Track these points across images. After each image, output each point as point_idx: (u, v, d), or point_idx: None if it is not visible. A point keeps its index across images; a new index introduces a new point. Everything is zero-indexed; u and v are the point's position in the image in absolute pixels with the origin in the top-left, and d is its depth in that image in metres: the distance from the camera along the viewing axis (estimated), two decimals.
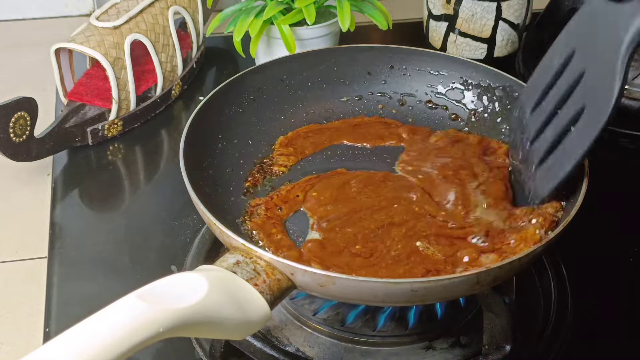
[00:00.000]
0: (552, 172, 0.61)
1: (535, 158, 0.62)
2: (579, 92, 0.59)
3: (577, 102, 0.58)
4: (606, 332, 0.69)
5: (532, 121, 0.63)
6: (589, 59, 0.58)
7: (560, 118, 0.60)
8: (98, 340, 0.44)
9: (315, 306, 0.68)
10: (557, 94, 0.60)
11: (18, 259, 0.77)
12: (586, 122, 0.58)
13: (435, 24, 1.04)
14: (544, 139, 0.62)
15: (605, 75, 0.56)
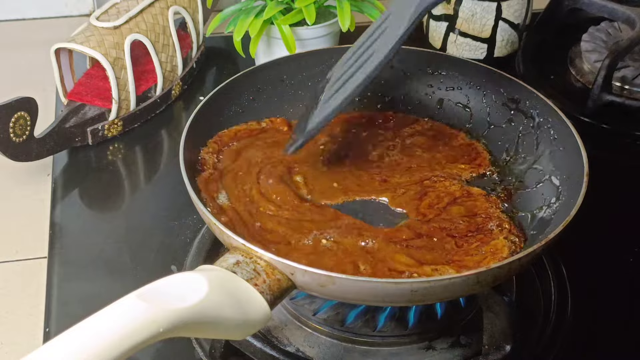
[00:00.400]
0: (325, 109, 0.66)
1: (322, 100, 0.67)
2: (374, 45, 0.66)
3: (370, 51, 0.66)
4: (606, 332, 0.69)
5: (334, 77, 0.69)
6: (393, 18, 0.66)
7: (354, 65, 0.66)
8: (98, 340, 0.44)
9: (315, 306, 0.68)
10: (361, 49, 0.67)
11: (18, 259, 0.77)
12: (369, 61, 0.65)
13: (435, 24, 1.04)
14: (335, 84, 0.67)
15: (397, 28, 0.64)
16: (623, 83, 0.96)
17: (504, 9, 0.99)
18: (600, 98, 0.93)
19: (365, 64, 0.65)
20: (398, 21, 0.64)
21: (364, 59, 0.65)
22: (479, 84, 0.80)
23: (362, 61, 0.66)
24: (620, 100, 0.93)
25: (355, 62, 0.67)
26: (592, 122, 0.93)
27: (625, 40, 0.93)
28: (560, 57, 1.05)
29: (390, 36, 0.64)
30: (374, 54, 0.65)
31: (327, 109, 0.66)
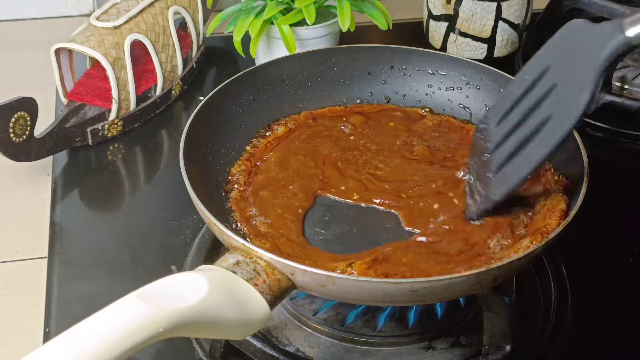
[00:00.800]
0: (508, 177, 0.62)
1: (494, 165, 0.63)
2: (546, 104, 0.61)
3: (543, 113, 0.60)
4: (606, 332, 0.69)
5: (497, 132, 0.65)
6: (562, 74, 0.60)
7: (525, 128, 0.62)
8: (98, 340, 0.44)
9: (315, 306, 0.68)
10: (525, 106, 0.62)
11: (18, 259, 0.77)
12: (549, 130, 0.60)
13: (435, 24, 1.04)
14: (505, 147, 0.63)
15: (577, 88, 0.58)
16: (623, 83, 0.96)
17: (504, 9, 0.99)
18: (600, 98, 0.93)
19: (542, 132, 0.60)
20: (574, 83, 0.58)
21: (538, 122, 0.60)
22: (479, 84, 0.80)
23: (536, 124, 0.60)
24: (620, 100, 0.93)
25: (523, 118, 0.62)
26: (592, 122, 0.93)
27: None
28: None
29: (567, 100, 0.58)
30: (550, 119, 0.59)
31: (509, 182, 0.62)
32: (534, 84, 0.62)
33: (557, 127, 0.59)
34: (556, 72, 0.61)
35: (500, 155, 0.63)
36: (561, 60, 0.61)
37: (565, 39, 0.62)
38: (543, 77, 0.62)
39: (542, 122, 0.60)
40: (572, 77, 0.59)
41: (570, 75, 0.59)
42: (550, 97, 0.60)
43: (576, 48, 0.60)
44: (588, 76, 0.57)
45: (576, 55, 0.59)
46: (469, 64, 0.80)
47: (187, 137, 0.68)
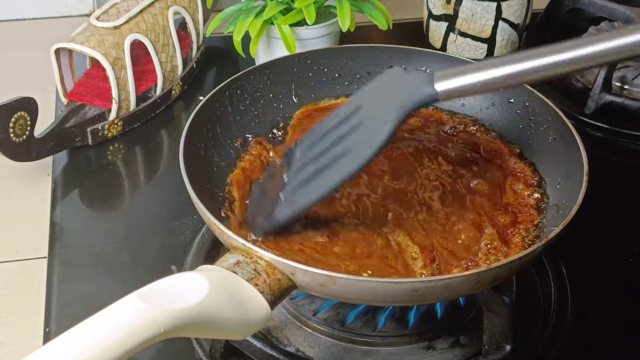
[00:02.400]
0: (297, 201, 0.63)
1: (289, 188, 0.64)
2: (349, 139, 0.62)
3: (344, 146, 0.62)
4: (606, 332, 0.69)
5: (301, 159, 0.66)
6: (370, 113, 0.62)
7: (324, 158, 0.63)
8: (99, 340, 0.44)
9: (315, 306, 0.68)
10: (330, 139, 0.64)
11: (18, 259, 0.77)
12: (343, 163, 0.61)
13: (435, 24, 1.04)
14: (302, 173, 0.64)
15: (377, 127, 0.60)
16: (623, 83, 0.96)
17: (504, 9, 0.99)
18: (600, 98, 0.93)
19: (339, 162, 0.62)
20: (378, 122, 0.61)
21: (338, 153, 0.62)
22: None
23: (336, 155, 0.62)
24: (620, 100, 0.93)
25: (326, 149, 0.63)
26: (592, 122, 0.93)
27: None
28: None
29: (369, 136, 0.61)
30: (349, 152, 0.61)
31: (296, 205, 0.62)
32: (345, 119, 0.64)
33: (351, 161, 0.61)
34: (366, 111, 0.63)
35: (296, 179, 0.64)
36: (373, 102, 0.63)
37: (382, 83, 0.64)
38: (353, 116, 0.63)
39: (341, 154, 0.62)
40: (378, 117, 0.61)
41: (376, 116, 0.61)
42: (354, 133, 0.62)
43: (388, 93, 0.62)
44: (390, 117, 0.60)
45: (386, 99, 0.61)
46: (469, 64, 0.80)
47: (187, 137, 0.68)
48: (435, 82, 0.58)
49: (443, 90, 0.58)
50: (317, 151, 0.64)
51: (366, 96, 0.64)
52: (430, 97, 0.59)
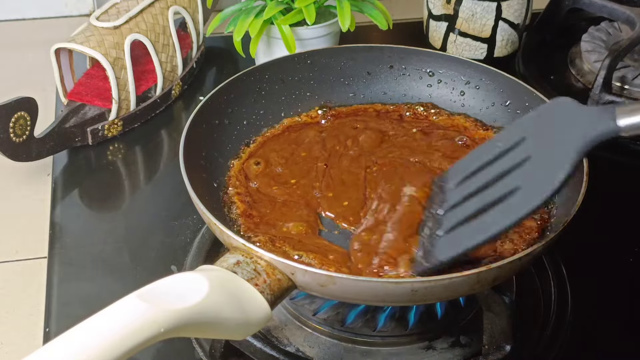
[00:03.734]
0: (460, 240, 0.58)
1: (446, 225, 0.60)
2: (516, 175, 0.58)
3: (511, 183, 0.58)
4: (606, 332, 0.69)
5: (456, 192, 0.62)
6: (540, 148, 0.58)
7: (487, 194, 0.59)
8: (99, 340, 0.44)
9: (315, 306, 0.68)
10: (492, 172, 0.60)
11: (18, 259, 0.77)
12: (515, 202, 0.57)
13: (435, 24, 1.04)
14: (462, 209, 0.60)
15: (553, 165, 0.55)
16: (623, 83, 0.96)
17: (504, 9, 0.99)
18: (600, 98, 0.93)
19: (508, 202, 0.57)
20: (552, 158, 0.55)
21: (504, 191, 0.57)
22: (478, 83, 0.80)
23: (503, 192, 0.57)
24: (620, 100, 0.93)
25: (489, 184, 0.59)
26: None
27: (625, 40, 0.93)
28: (560, 57, 1.05)
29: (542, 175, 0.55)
30: (520, 190, 0.56)
31: (460, 245, 0.58)
32: (506, 152, 0.60)
33: (525, 201, 0.56)
34: (533, 144, 0.58)
35: (455, 216, 0.60)
36: (541, 134, 0.58)
37: (549, 113, 0.60)
38: (517, 147, 0.59)
39: (509, 192, 0.57)
40: (551, 153, 0.56)
41: (548, 151, 0.57)
42: (522, 169, 0.58)
43: (560, 125, 0.57)
44: (568, 155, 0.55)
45: (559, 133, 0.57)
46: (469, 64, 0.80)
47: (187, 137, 0.68)
48: (617, 118, 0.54)
49: (627, 125, 0.54)
50: (477, 185, 0.60)
51: (532, 127, 0.60)
52: (613, 133, 0.54)
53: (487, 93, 0.79)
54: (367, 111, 0.81)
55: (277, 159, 0.74)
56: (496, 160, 0.60)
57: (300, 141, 0.76)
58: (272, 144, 0.76)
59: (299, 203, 0.68)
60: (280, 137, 0.77)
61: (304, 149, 0.75)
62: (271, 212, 0.68)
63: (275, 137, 0.77)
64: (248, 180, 0.71)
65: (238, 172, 0.72)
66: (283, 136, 0.77)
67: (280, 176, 0.72)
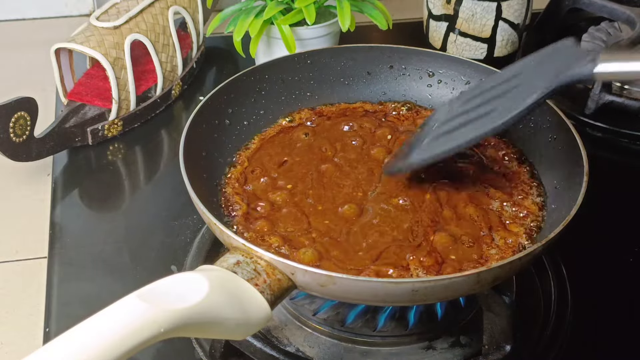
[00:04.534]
0: (432, 148, 0.65)
1: (433, 135, 0.66)
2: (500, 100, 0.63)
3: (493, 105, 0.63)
4: (606, 332, 0.69)
5: (455, 110, 0.67)
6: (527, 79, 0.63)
7: (472, 113, 0.65)
8: (99, 340, 0.44)
9: (315, 306, 0.68)
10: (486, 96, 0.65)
11: (18, 259, 0.77)
12: (484, 121, 0.63)
13: (435, 24, 1.04)
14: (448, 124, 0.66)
15: (526, 94, 0.61)
16: (623, 83, 0.96)
17: (504, 9, 0.99)
18: (600, 98, 0.93)
19: (481, 120, 0.63)
20: (528, 88, 0.61)
21: (483, 112, 0.63)
22: None
23: (481, 113, 0.64)
24: (620, 100, 0.93)
25: (476, 107, 0.65)
26: (592, 122, 0.93)
27: (625, 40, 0.93)
28: None
29: (515, 101, 0.62)
30: (492, 112, 0.63)
31: (432, 150, 0.65)
32: (503, 82, 0.65)
33: (491, 120, 0.62)
34: (525, 76, 0.63)
35: (441, 129, 0.66)
36: (534, 68, 0.63)
37: (548, 52, 0.64)
38: (512, 80, 0.64)
39: (486, 113, 0.63)
40: (531, 83, 0.61)
41: (531, 81, 0.62)
42: (507, 95, 0.63)
43: (550, 61, 0.62)
44: (541, 86, 0.60)
45: (546, 67, 0.62)
46: (469, 64, 0.80)
47: (187, 137, 0.68)
48: (597, 62, 0.58)
49: (602, 72, 0.58)
50: (468, 107, 0.65)
51: (529, 63, 0.65)
52: (588, 75, 0.59)
53: None
54: (355, 111, 0.81)
55: (271, 164, 0.73)
56: (493, 88, 0.65)
57: (294, 145, 0.76)
58: (267, 148, 0.75)
59: (295, 209, 0.68)
60: (275, 140, 0.76)
61: (297, 154, 0.74)
62: (270, 214, 0.68)
63: (276, 137, 0.77)
64: (246, 184, 0.71)
65: (238, 172, 0.72)
66: (278, 138, 0.77)
67: (279, 177, 0.72)
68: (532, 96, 0.60)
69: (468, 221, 0.66)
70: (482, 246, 0.64)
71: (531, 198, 0.69)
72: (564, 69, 0.60)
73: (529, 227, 0.66)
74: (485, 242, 0.64)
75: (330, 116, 0.80)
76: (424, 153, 0.65)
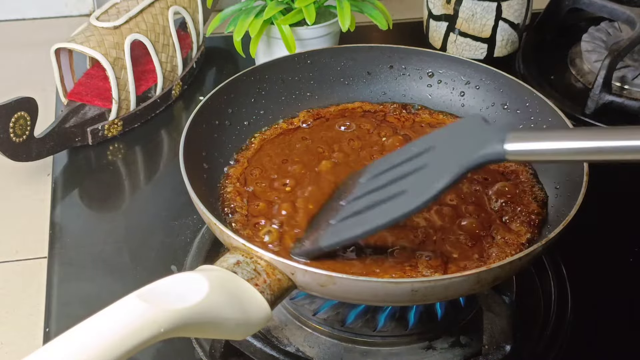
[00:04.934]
0: (342, 231, 0.61)
1: (341, 215, 0.62)
2: (409, 179, 0.60)
3: (403, 186, 0.60)
4: (606, 332, 0.69)
5: (362, 187, 0.64)
6: (437, 157, 0.60)
7: (381, 193, 0.61)
8: (99, 340, 0.44)
9: (315, 306, 0.68)
10: (394, 174, 0.62)
11: (18, 259, 0.77)
12: (394, 204, 0.59)
13: (435, 24, 1.04)
14: (356, 203, 0.62)
15: (438, 175, 0.58)
16: (623, 83, 0.96)
17: (504, 9, 0.99)
18: (600, 98, 0.93)
19: (391, 201, 0.59)
20: (439, 170, 0.58)
21: (393, 192, 0.60)
22: (478, 83, 0.80)
23: (390, 194, 0.60)
24: (620, 100, 0.93)
25: (385, 185, 0.61)
26: (592, 122, 0.93)
27: (625, 40, 0.93)
28: (560, 57, 1.05)
29: (425, 184, 0.58)
30: (402, 194, 0.59)
31: (342, 235, 0.60)
32: (414, 157, 0.62)
33: (403, 205, 0.58)
34: (435, 154, 0.60)
35: (350, 209, 0.62)
36: (444, 145, 0.60)
37: (460, 128, 0.62)
38: (423, 154, 0.61)
39: (396, 194, 0.59)
40: (442, 163, 0.59)
41: (442, 161, 0.59)
42: (417, 174, 0.60)
43: (460, 141, 0.59)
44: (452, 168, 0.57)
45: (456, 148, 0.59)
46: (469, 64, 0.80)
47: (187, 137, 0.68)
48: (506, 141, 0.55)
49: (512, 150, 0.55)
50: (378, 184, 0.62)
51: (440, 138, 0.62)
52: (498, 155, 0.56)
53: (487, 93, 0.79)
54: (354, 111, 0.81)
55: (271, 164, 0.73)
56: (403, 163, 0.62)
57: (293, 146, 0.76)
58: (268, 149, 0.75)
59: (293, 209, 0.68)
60: (274, 141, 0.76)
61: (296, 154, 0.74)
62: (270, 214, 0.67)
63: (276, 137, 0.77)
64: (246, 184, 0.71)
65: (238, 172, 0.72)
66: (278, 139, 0.77)
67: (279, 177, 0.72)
68: (442, 181, 0.57)
69: (468, 220, 0.66)
70: (482, 245, 0.64)
71: (531, 198, 0.69)
72: (475, 149, 0.57)
73: (529, 227, 0.66)
74: (486, 242, 0.64)
75: (328, 117, 0.80)
76: (333, 237, 0.61)
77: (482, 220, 0.66)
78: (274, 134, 0.77)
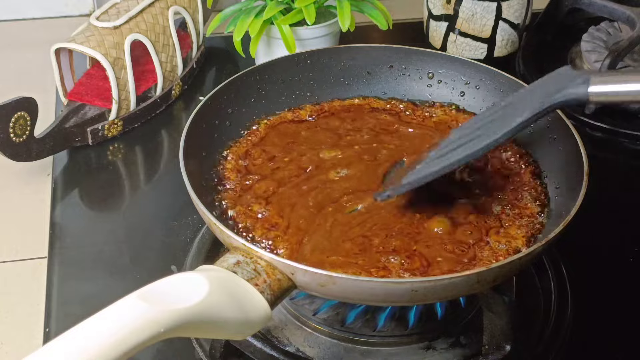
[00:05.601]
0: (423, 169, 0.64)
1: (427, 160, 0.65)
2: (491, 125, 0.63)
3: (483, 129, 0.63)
4: (606, 332, 0.69)
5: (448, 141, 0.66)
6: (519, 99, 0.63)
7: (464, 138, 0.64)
8: (99, 340, 0.44)
9: (315, 306, 0.68)
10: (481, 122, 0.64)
11: (18, 259, 0.77)
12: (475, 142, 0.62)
13: (435, 24, 1.04)
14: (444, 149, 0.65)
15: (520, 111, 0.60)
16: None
17: (504, 9, 0.99)
18: None
19: (472, 142, 0.62)
20: (521, 108, 0.61)
21: (475, 135, 0.63)
22: (478, 83, 0.80)
23: (473, 137, 0.63)
24: None
25: (469, 133, 0.64)
26: (592, 122, 0.93)
27: (625, 40, 0.93)
28: (560, 57, 1.05)
29: (505, 120, 0.61)
30: (483, 135, 0.62)
31: (421, 173, 0.63)
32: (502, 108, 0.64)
33: (481, 140, 0.61)
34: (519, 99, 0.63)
35: (435, 155, 0.65)
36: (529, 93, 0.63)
37: (545, 78, 0.64)
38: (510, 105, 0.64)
39: (478, 135, 0.62)
40: (524, 104, 0.61)
41: (524, 103, 0.61)
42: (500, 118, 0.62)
43: (546, 85, 0.62)
44: (534, 104, 0.59)
45: (541, 90, 0.61)
46: (469, 64, 0.80)
47: (187, 137, 0.68)
48: (590, 83, 0.57)
49: (596, 92, 0.57)
50: (462, 134, 0.65)
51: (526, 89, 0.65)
52: (580, 96, 0.58)
53: (487, 93, 0.79)
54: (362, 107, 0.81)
55: (269, 162, 0.73)
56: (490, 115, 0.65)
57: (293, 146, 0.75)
58: (265, 145, 0.75)
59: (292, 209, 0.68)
60: (274, 137, 0.76)
61: (297, 154, 0.74)
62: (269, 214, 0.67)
63: (268, 137, 0.76)
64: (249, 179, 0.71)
65: (238, 172, 0.72)
66: (278, 135, 0.77)
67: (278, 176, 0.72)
68: (523, 114, 0.59)
69: (467, 220, 0.66)
70: (483, 245, 0.64)
71: (531, 198, 0.69)
72: (558, 90, 0.59)
73: (529, 227, 0.66)
74: (486, 241, 0.64)
75: (333, 112, 0.80)
76: (412, 176, 0.64)
77: (482, 220, 0.66)
78: (270, 131, 0.77)
